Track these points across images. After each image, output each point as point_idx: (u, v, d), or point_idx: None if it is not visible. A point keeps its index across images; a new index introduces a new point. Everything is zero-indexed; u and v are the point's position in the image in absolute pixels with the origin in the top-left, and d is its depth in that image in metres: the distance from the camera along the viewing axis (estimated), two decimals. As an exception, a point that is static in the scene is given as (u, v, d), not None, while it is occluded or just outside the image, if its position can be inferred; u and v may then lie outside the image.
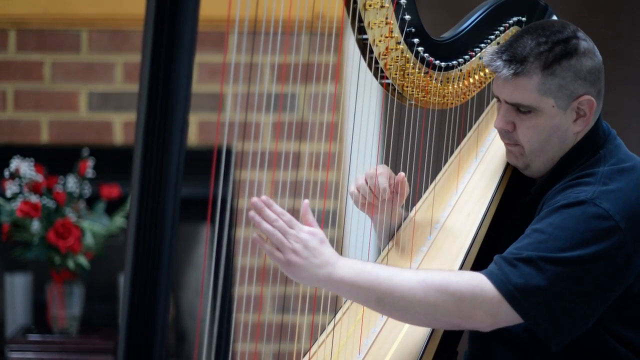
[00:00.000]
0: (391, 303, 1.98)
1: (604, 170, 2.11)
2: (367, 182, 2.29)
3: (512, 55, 2.12)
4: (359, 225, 3.66)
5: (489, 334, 2.14)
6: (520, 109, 2.15)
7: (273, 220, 1.97)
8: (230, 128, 4.13)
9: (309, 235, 1.99)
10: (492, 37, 2.39)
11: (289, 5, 2.06)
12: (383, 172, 2.28)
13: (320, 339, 2.20)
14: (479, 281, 2.00)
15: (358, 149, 2.51)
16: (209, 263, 4.25)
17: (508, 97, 2.15)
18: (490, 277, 1.99)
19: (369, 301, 2.00)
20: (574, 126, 2.15)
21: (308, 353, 2.17)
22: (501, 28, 2.39)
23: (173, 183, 1.47)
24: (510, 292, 1.97)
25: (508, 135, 2.19)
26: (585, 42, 2.14)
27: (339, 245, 4.04)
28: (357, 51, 2.23)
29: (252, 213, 1.99)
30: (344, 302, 2.27)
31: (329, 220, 4.09)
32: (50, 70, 4.15)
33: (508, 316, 1.99)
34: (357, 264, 2.00)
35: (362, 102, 2.48)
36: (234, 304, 4.09)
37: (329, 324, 2.23)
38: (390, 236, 2.38)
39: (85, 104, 4.17)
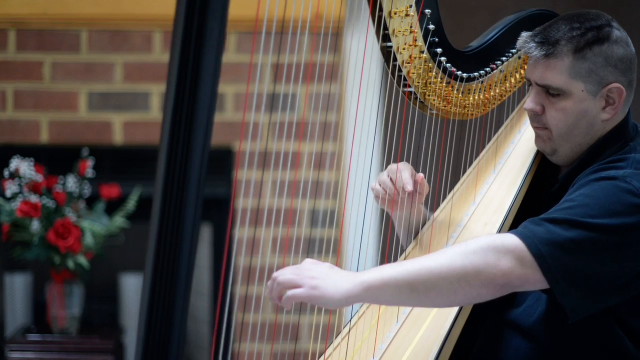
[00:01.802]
0: (423, 284, 1.95)
1: (636, 157, 2.15)
2: (390, 178, 2.31)
3: (545, 38, 2.16)
4: (359, 226, 3.66)
5: (500, 324, 2.16)
6: (550, 92, 2.18)
7: (278, 275, 1.96)
8: (231, 128, 4.13)
9: (317, 263, 1.98)
10: (514, 51, 2.42)
11: (290, 6, 2.06)
12: (406, 168, 2.30)
13: (336, 342, 2.21)
14: (499, 235, 2.02)
15: (359, 149, 2.51)
16: (209, 263, 4.25)
17: (539, 79, 2.18)
18: (514, 233, 2.01)
19: (402, 293, 1.96)
20: (602, 114, 2.18)
21: (323, 355, 2.18)
22: (522, 53, 2.41)
23: (196, 183, 1.47)
24: (535, 244, 1.98)
25: (537, 118, 2.22)
26: (619, 32, 2.17)
27: (339, 245, 4.04)
28: (358, 51, 2.24)
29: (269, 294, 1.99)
30: (360, 306, 2.27)
31: (328, 220, 4.09)
32: (50, 70, 4.15)
33: (533, 270, 1.98)
34: (374, 268, 1.99)
35: (362, 102, 2.49)
36: (235, 304, 4.10)
37: (344, 327, 2.24)
38: (410, 233, 2.39)
39: (85, 104, 4.17)
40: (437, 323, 2.17)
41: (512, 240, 1.98)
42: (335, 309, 2.00)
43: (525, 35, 2.21)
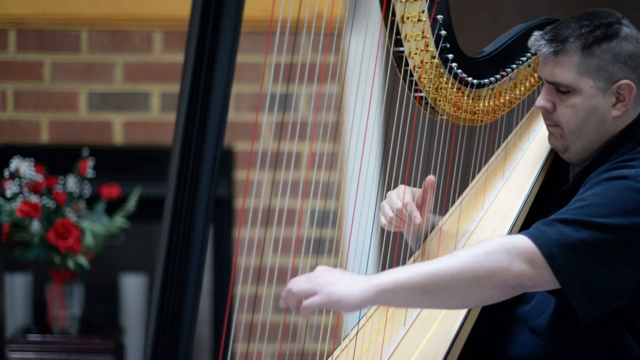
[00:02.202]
0: (436, 287, 1.96)
1: None
2: (394, 212, 2.31)
3: (555, 35, 2.19)
4: (359, 226, 3.66)
5: (509, 320, 2.16)
6: (560, 89, 2.20)
7: (291, 285, 1.96)
8: (231, 128, 4.13)
9: (329, 269, 1.99)
10: (524, 58, 2.44)
11: (290, 5, 2.06)
12: (407, 193, 2.30)
13: (343, 343, 2.23)
14: (510, 237, 2.03)
15: (362, 149, 2.52)
16: (210, 263, 4.25)
17: (548, 76, 2.20)
18: (525, 234, 2.01)
19: (415, 295, 1.97)
20: (613, 110, 2.19)
21: (331, 356, 2.19)
22: (533, 51, 2.42)
23: (208, 181, 1.48)
24: (546, 245, 1.99)
25: (549, 115, 2.24)
26: (629, 29, 2.18)
27: (339, 245, 4.04)
28: (358, 51, 2.25)
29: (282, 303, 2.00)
30: (368, 308, 2.28)
31: (329, 220, 4.09)
32: (50, 70, 4.14)
33: (545, 271, 1.99)
34: (387, 271, 1.99)
35: (366, 102, 2.49)
36: (235, 304, 4.09)
37: (352, 329, 2.24)
38: (419, 241, 2.40)
39: (85, 104, 4.16)
40: (444, 326, 2.17)
41: (523, 241, 1.99)
42: (350, 312, 2.00)
43: (536, 33, 2.23)
